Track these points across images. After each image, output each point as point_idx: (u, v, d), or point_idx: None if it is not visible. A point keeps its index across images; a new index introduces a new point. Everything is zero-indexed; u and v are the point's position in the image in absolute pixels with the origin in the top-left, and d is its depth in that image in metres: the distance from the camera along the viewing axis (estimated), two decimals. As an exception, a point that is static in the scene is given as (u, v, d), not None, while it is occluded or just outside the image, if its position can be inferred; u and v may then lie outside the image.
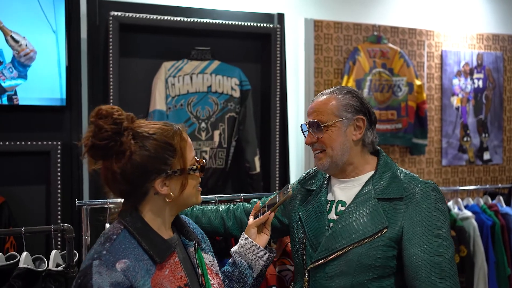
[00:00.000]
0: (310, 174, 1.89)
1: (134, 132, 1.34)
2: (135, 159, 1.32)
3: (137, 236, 1.34)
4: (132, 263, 1.29)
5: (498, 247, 3.14)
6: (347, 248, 1.60)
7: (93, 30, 3.20)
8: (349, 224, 1.63)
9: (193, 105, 3.36)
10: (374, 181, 1.68)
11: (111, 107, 1.33)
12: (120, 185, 1.35)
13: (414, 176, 1.69)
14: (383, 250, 1.58)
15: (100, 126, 1.31)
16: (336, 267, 1.61)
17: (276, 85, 3.55)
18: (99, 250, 1.30)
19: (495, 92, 4.64)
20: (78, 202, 2.09)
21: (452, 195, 3.22)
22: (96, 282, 1.24)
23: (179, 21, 3.31)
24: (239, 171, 3.53)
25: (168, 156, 1.36)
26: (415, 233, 1.56)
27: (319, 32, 3.96)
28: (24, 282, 1.93)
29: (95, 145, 1.31)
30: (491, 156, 4.63)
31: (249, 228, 1.70)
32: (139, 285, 1.27)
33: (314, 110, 1.72)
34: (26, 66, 3.00)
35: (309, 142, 1.73)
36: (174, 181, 1.38)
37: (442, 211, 1.60)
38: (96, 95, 3.20)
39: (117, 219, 1.40)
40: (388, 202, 1.63)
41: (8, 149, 2.99)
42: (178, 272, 1.38)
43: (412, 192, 1.62)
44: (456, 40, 4.48)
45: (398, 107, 4.14)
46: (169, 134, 1.37)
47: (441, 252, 1.53)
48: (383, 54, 4.10)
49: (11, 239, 2.70)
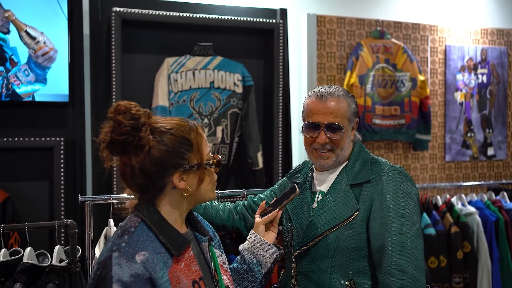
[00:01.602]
0: (297, 168, 2.03)
1: (152, 127, 1.37)
2: (153, 153, 1.35)
3: (155, 229, 1.36)
4: (151, 255, 1.31)
5: (502, 243, 3.14)
6: (326, 233, 1.73)
7: (95, 26, 3.20)
8: (326, 211, 1.76)
9: (196, 101, 3.36)
10: (348, 169, 1.81)
11: (129, 103, 1.35)
12: (139, 180, 1.37)
13: (383, 161, 1.81)
14: (358, 232, 1.70)
15: (119, 121, 1.32)
16: (317, 251, 1.75)
17: (279, 81, 3.55)
18: (118, 242, 1.32)
19: (499, 87, 4.61)
20: (81, 198, 2.10)
21: (455, 191, 3.21)
22: (116, 274, 1.25)
23: (182, 16, 3.30)
24: (242, 167, 3.53)
25: (185, 151, 1.38)
26: (381, 213, 1.68)
27: (322, 28, 3.94)
28: (28, 277, 1.94)
29: (114, 140, 1.33)
30: (495, 152, 4.62)
31: (257, 225, 1.75)
32: (157, 277, 1.29)
33: (331, 111, 1.79)
34: (45, 68, 2.57)
35: (324, 142, 1.78)
36: (191, 176, 1.41)
37: (407, 192, 1.70)
38: (99, 91, 3.20)
39: (133, 212, 1.42)
40: (359, 187, 1.76)
41: (11, 145, 3.00)
42: (193, 266, 1.41)
43: (379, 175, 1.74)
44: (460, 35, 4.46)
45: (402, 103, 4.13)
46: (185, 129, 1.40)
47: (403, 230, 1.63)
48: (386, 50, 4.09)
49: (15, 234, 2.71)
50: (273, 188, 2.08)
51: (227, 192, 2.37)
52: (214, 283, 1.47)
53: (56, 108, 3.10)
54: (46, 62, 2.69)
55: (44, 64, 2.73)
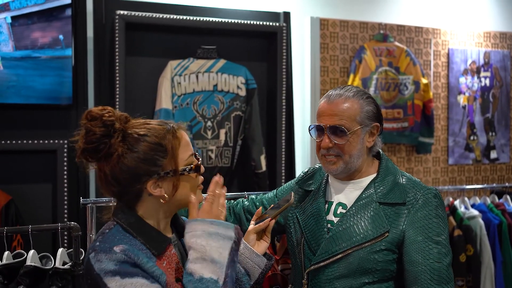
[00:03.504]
0: (308, 174, 1.87)
1: (124, 134, 1.33)
2: (123, 161, 1.31)
3: (131, 231, 1.33)
4: (131, 248, 1.28)
5: (505, 246, 3.13)
6: (348, 251, 1.59)
7: (99, 29, 3.20)
8: (350, 227, 1.62)
9: (199, 104, 3.36)
10: (376, 184, 1.67)
11: (102, 108, 1.32)
12: (112, 187, 1.34)
13: (416, 181, 1.69)
14: (384, 254, 1.59)
15: (88, 129, 1.30)
16: (335, 270, 1.61)
17: (282, 84, 3.55)
18: (92, 245, 1.30)
19: (502, 90, 4.61)
20: (82, 200, 2.10)
21: (458, 194, 3.21)
22: (101, 269, 1.23)
23: (185, 19, 3.31)
24: (245, 169, 3.53)
25: (158, 157, 1.33)
26: (416, 239, 1.58)
27: (325, 31, 3.95)
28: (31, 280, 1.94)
29: (85, 148, 1.32)
30: (498, 155, 4.61)
31: (248, 234, 1.64)
32: (142, 262, 1.26)
33: (335, 113, 1.64)
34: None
35: (326, 147, 1.65)
36: (167, 182, 1.35)
37: (442, 217, 1.62)
38: (102, 94, 3.20)
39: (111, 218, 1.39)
40: (390, 207, 1.63)
41: (15, 147, 3.00)
42: (175, 264, 1.36)
43: (415, 198, 1.62)
44: (463, 38, 4.46)
45: (405, 106, 4.13)
46: (160, 134, 1.34)
47: (440, 258, 1.56)
48: (390, 53, 4.09)
49: (18, 237, 2.71)
50: (277, 192, 1.93)
51: (229, 195, 2.35)
52: None
53: (59, 110, 3.11)
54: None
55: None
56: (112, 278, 1.22)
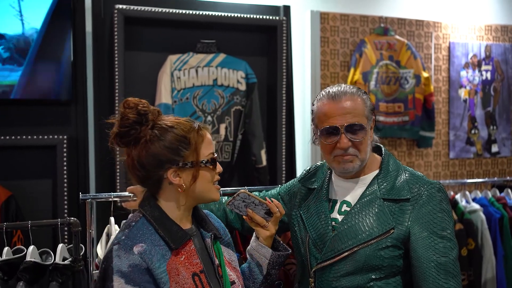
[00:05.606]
0: (311, 172, 1.87)
1: (154, 124, 1.46)
2: (149, 146, 1.43)
3: (154, 223, 1.45)
4: (149, 247, 1.39)
5: (506, 240, 3.12)
6: (354, 249, 1.60)
7: (98, 23, 3.19)
8: (355, 224, 1.62)
9: (199, 99, 3.35)
10: (379, 181, 1.67)
11: (139, 100, 1.46)
12: (137, 171, 1.47)
13: (419, 176, 1.68)
14: (390, 251, 1.59)
15: (123, 115, 1.44)
16: (342, 268, 1.61)
17: (282, 78, 3.53)
18: (119, 236, 1.42)
19: (503, 84, 4.59)
20: (82, 196, 2.09)
21: (459, 188, 3.20)
22: (116, 265, 1.35)
23: (185, 14, 3.29)
24: (246, 164, 3.53)
25: (182, 148, 1.45)
26: (421, 235, 1.58)
27: (325, 25, 3.93)
28: (31, 276, 1.94)
29: (118, 132, 1.44)
30: (499, 149, 4.60)
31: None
32: (154, 267, 1.37)
33: (348, 111, 1.62)
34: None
35: (346, 147, 1.62)
36: (186, 173, 1.47)
37: (447, 211, 1.62)
38: (101, 89, 3.19)
39: (138, 209, 1.52)
40: (394, 203, 1.63)
41: (14, 143, 3.00)
42: (193, 259, 1.46)
43: (419, 193, 1.63)
44: (464, 31, 4.44)
45: (405, 100, 4.11)
46: (186, 128, 1.47)
47: (446, 253, 1.56)
48: (390, 46, 4.07)
49: (18, 232, 2.71)
50: (280, 190, 1.94)
51: (229, 190, 2.35)
52: (217, 278, 1.50)
53: (59, 106, 3.10)
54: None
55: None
56: (119, 278, 1.35)
